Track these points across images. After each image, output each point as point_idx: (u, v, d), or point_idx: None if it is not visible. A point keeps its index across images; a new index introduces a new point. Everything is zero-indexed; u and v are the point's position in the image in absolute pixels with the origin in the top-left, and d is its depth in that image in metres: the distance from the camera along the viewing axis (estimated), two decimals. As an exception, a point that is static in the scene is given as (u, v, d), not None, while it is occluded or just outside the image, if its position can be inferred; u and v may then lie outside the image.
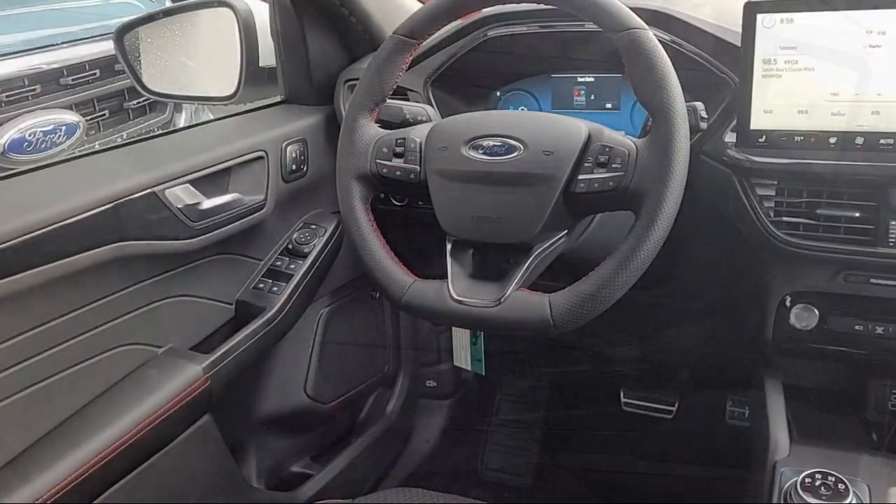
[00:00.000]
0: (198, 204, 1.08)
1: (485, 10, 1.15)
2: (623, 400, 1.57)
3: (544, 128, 0.93)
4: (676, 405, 1.55)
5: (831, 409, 1.11)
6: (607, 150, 0.88)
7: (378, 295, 1.48)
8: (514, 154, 0.91)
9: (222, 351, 1.10)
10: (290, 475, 1.37)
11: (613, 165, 0.87)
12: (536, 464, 1.74)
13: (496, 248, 0.93)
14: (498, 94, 1.31)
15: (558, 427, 1.76)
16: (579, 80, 1.26)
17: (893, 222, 0.92)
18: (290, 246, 1.25)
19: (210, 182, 1.12)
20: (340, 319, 1.41)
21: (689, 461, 1.54)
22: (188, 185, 1.08)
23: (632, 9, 0.90)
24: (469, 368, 1.45)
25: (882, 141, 0.92)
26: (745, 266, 1.06)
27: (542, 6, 0.99)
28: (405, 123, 1.06)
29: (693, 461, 1.52)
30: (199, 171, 1.10)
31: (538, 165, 0.90)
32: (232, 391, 1.16)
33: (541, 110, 1.29)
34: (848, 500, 0.82)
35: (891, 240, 0.92)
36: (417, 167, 0.97)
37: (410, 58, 1.01)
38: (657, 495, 1.56)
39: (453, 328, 1.50)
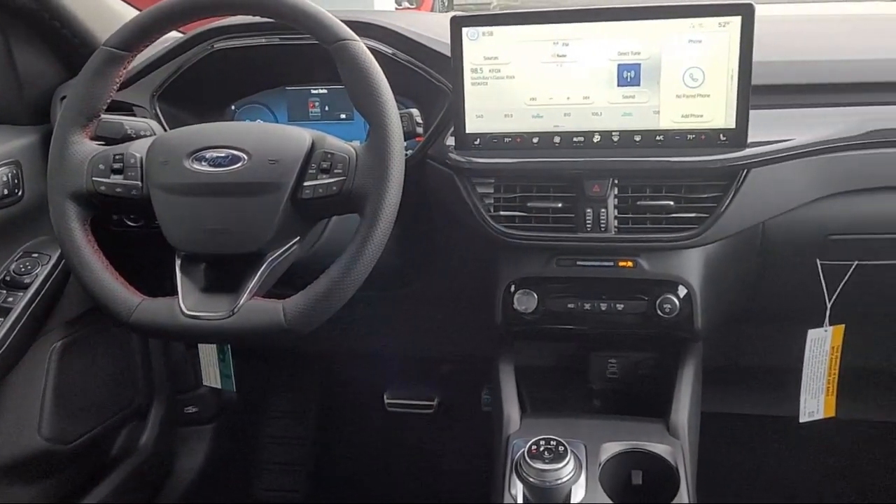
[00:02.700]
0: None
1: (207, 22, 1.14)
2: (386, 401, 1.62)
3: (268, 137, 0.94)
4: (437, 400, 1.63)
5: (561, 383, 1.23)
6: (329, 156, 0.91)
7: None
8: (239, 164, 0.92)
9: None
10: (29, 527, 1.26)
11: (336, 171, 0.90)
12: (309, 477, 1.74)
13: (228, 260, 0.92)
14: (233, 107, 1.30)
15: (327, 437, 1.77)
16: (313, 92, 1.29)
17: (589, 210, 1.03)
18: (8, 278, 1.15)
19: None
20: (79, 352, 1.31)
21: (450, 451, 1.62)
22: None
23: (345, 21, 0.94)
24: (220, 386, 1.42)
25: (574, 139, 1.05)
26: (478, 259, 1.14)
27: (260, 19, 1.00)
28: (127, 139, 1.01)
29: (454, 451, 1.60)
30: None
31: (264, 174, 0.91)
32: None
33: (277, 123, 1.30)
34: (567, 459, 0.92)
35: (588, 225, 1.03)
36: (139, 183, 0.94)
37: (124, 71, 0.97)
38: (424, 490, 1.62)
39: (199, 346, 1.46)
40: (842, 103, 1.07)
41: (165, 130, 1.09)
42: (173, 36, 1.24)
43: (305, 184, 0.91)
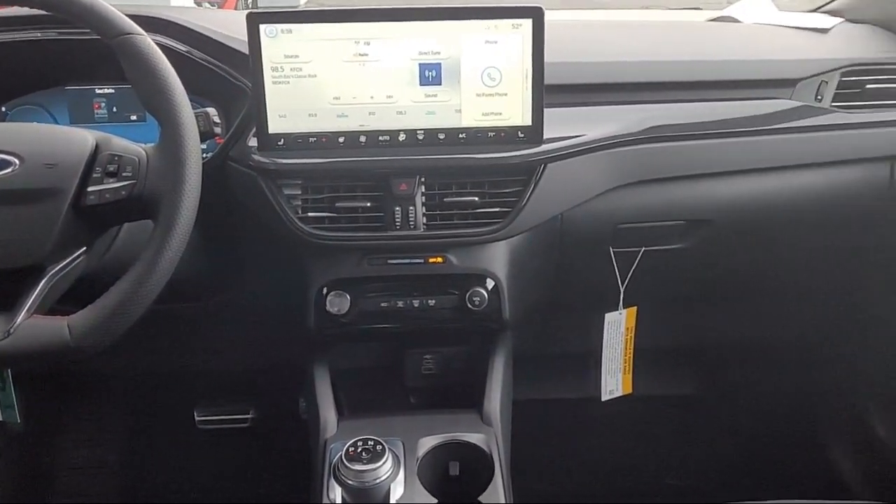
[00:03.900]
0: None
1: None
2: (197, 419, 1.53)
3: (44, 139, 0.86)
4: (252, 413, 1.57)
5: (378, 383, 1.23)
6: (116, 158, 0.85)
7: None
8: (10, 169, 0.82)
9: None
10: None
11: (124, 174, 0.84)
12: (115, 507, 1.61)
13: (1, 276, 0.82)
14: (3, 109, 1.17)
15: (133, 463, 1.65)
16: (98, 92, 1.19)
17: (397, 208, 1.04)
18: None
19: None
20: None
21: (269, 464, 1.56)
22: None
23: (132, 15, 0.88)
24: (0, 418, 1.27)
25: (380, 138, 1.05)
26: (288, 262, 1.12)
27: (33, 11, 0.91)
28: None
29: (273, 463, 1.55)
30: None
31: (40, 180, 0.82)
32: None
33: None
34: (384, 458, 0.91)
35: (397, 223, 1.04)
36: None
37: None
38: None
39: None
40: (626, 101, 1.16)
41: None
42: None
43: (90, 189, 0.84)
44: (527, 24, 1.02)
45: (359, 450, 0.92)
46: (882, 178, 1.26)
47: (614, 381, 1.30)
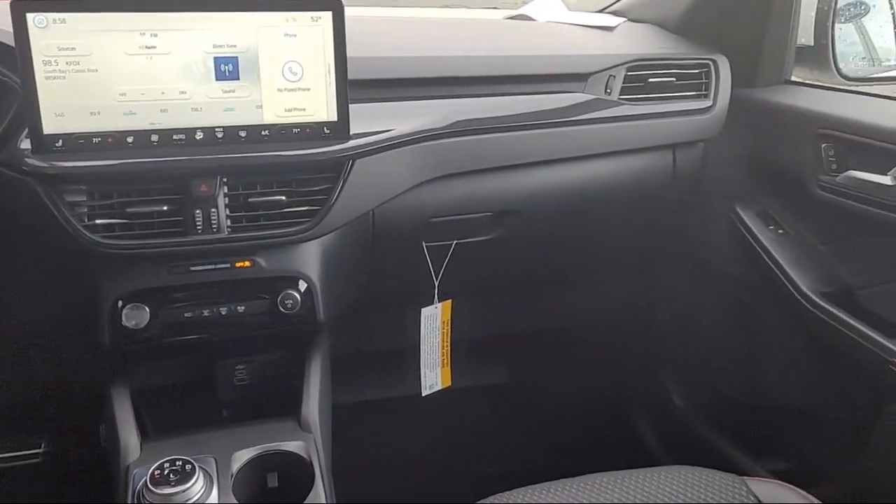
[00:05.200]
0: None
1: None
2: (-25, 458, 1.36)
3: None
4: (44, 446, 1.42)
5: (187, 399, 1.15)
6: None
7: None
8: None
9: None
10: None
11: None
12: None
13: None
14: None
15: None
16: None
17: (198, 211, 0.98)
18: None
19: None
20: None
21: (61, 499, 1.42)
22: None
23: None
24: None
25: (175, 136, 0.98)
26: (75, 276, 1.02)
27: None
28: None
29: (71, 501, 1.41)
30: None
31: None
32: None
33: None
34: (195, 477, 0.85)
35: (198, 227, 0.98)
36: None
37: None
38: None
39: None
40: (432, 96, 1.16)
41: None
42: None
43: None
44: (326, 18, 0.99)
45: (166, 472, 0.85)
46: (666, 165, 1.36)
47: (433, 375, 1.31)
